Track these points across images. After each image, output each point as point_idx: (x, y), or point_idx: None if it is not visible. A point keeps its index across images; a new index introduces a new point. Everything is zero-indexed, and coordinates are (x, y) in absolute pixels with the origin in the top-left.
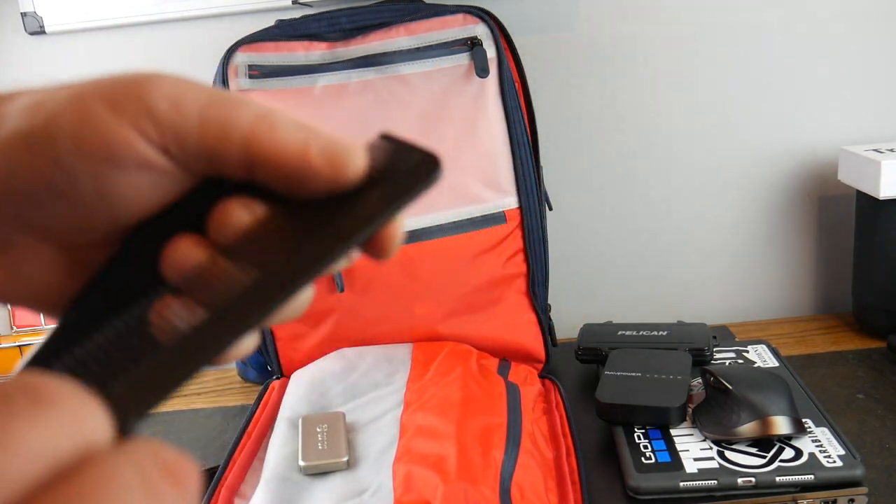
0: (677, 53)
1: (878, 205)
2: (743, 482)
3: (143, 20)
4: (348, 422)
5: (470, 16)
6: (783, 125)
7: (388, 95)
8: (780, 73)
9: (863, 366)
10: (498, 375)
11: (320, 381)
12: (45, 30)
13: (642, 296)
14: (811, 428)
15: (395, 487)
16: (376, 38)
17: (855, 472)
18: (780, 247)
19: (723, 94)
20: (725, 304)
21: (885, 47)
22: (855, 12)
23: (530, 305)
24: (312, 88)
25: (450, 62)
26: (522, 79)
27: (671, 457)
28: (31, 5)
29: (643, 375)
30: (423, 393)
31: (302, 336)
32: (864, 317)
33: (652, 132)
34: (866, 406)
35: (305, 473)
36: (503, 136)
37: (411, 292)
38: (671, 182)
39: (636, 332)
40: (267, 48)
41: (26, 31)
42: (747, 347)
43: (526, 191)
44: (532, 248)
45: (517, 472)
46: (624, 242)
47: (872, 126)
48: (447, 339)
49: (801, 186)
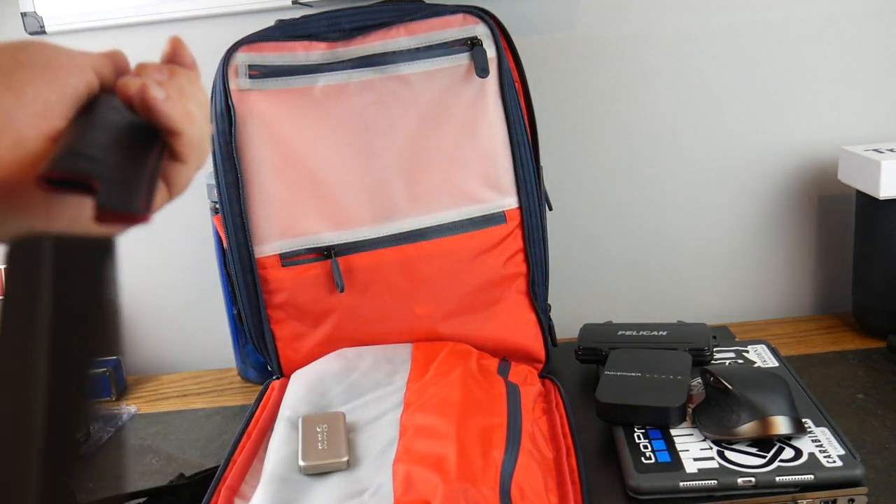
0: (677, 53)
1: (878, 205)
2: (743, 482)
3: (143, 20)
4: (348, 422)
5: (470, 16)
6: (783, 125)
7: (389, 95)
8: (780, 72)
9: (863, 366)
10: (498, 375)
11: (320, 381)
12: (45, 30)
13: (642, 296)
14: (811, 428)
15: (395, 487)
16: (376, 38)
17: (855, 472)
18: (780, 247)
19: (723, 93)
20: (725, 304)
21: (885, 47)
22: (855, 12)
23: (530, 305)
24: (312, 88)
25: (450, 62)
26: (522, 79)
27: (671, 457)
28: (31, 5)
29: (643, 375)
30: (424, 393)
31: (302, 336)
32: (864, 317)
33: (652, 132)
34: (866, 406)
35: (305, 473)
36: (503, 136)
37: (411, 292)
38: (671, 182)
39: (636, 332)
40: (267, 48)
41: (26, 31)
42: (747, 347)
43: (526, 191)
44: (532, 248)
45: (517, 472)
46: (624, 242)
47: (872, 126)
48: (447, 339)
49: (801, 186)
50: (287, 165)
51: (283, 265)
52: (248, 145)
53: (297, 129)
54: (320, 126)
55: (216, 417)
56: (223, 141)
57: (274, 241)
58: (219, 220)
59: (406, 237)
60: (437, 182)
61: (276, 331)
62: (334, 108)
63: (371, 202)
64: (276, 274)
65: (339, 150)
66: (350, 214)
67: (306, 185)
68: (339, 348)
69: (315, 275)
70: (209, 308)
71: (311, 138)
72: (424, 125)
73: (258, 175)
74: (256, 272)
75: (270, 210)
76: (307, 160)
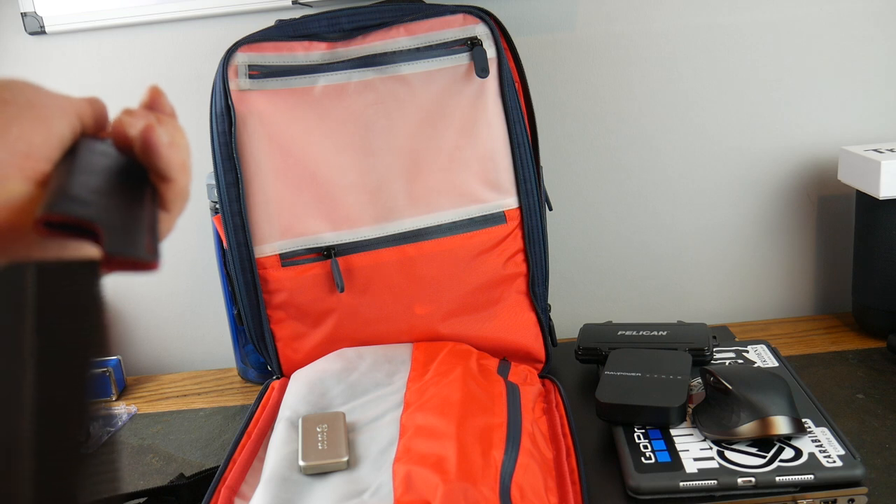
0: (677, 53)
1: (877, 205)
2: (743, 482)
3: (143, 20)
4: (348, 422)
5: (470, 16)
6: (783, 125)
7: (389, 95)
8: (780, 72)
9: (863, 366)
10: (498, 375)
11: (320, 381)
12: (46, 30)
13: (642, 296)
14: (811, 428)
15: (395, 487)
16: (376, 38)
17: (855, 472)
18: (780, 247)
19: (723, 93)
20: (725, 304)
21: (885, 47)
22: (855, 12)
23: (530, 305)
24: (312, 88)
25: (450, 62)
26: (522, 79)
27: (671, 457)
28: (31, 5)
29: (643, 375)
30: (424, 393)
31: (302, 336)
32: (864, 317)
33: (652, 132)
34: (866, 406)
35: (305, 473)
36: (503, 136)
37: (411, 292)
38: (671, 182)
39: (636, 332)
40: (267, 48)
41: (26, 31)
42: (747, 347)
43: (526, 191)
44: (532, 248)
45: (517, 472)
46: (624, 242)
47: (872, 126)
48: (447, 339)
49: (801, 186)
50: (287, 165)
51: (283, 265)
52: (248, 145)
53: (297, 130)
54: (320, 126)
55: (216, 417)
56: (223, 141)
57: (274, 241)
58: (219, 220)
59: (406, 237)
60: (437, 182)
61: (276, 331)
62: (334, 109)
63: (371, 202)
64: (276, 274)
65: (339, 150)
66: (350, 214)
67: (306, 185)
68: (339, 348)
69: (315, 275)
70: (209, 308)
71: (311, 138)
72: (424, 125)
73: (258, 175)
74: (256, 272)
75: (270, 210)
76: (307, 160)
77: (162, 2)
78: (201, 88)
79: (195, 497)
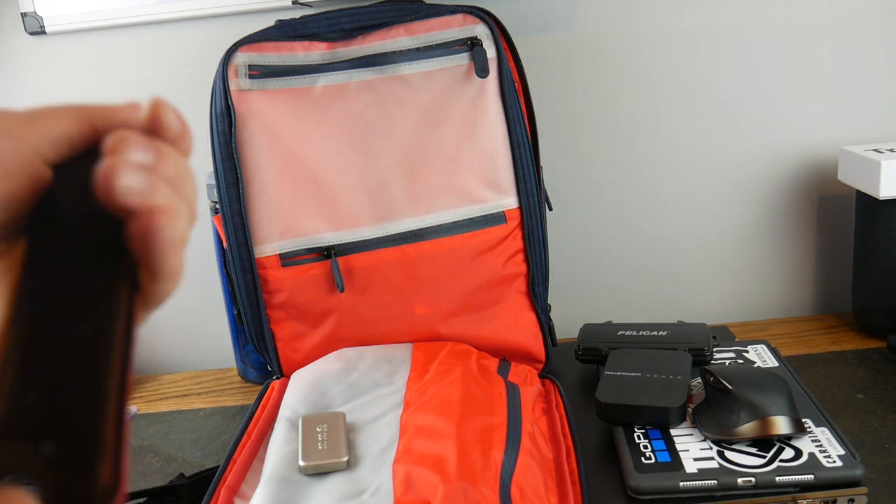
0: (677, 53)
1: (877, 205)
2: (743, 482)
3: (143, 20)
4: (348, 422)
5: (470, 16)
6: (783, 125)
7: (389, 95)
8: (780, 72)
9: (863, 366)
10: (498, 375)
11: (320, 381)
12: (46, 30)
13: (642, 296)
14: (811, 428)
15: (395, 487)
16: (376, 38)
17: (855, 472)
18: (780, 247)
19: (723, 93)
20: (725, 304)
21: (884, 47)
22: (855, 12)
23: (530, 305)
24: (312, 88)
25: (450, 62)
26: (522, 79)
27: (671, 457)
28: (31, 5)
29: (643, 375)
30: (424, 393)
31: (302, 336)
32: (864, 317)
33: (651, 132)
34: (866, 406)
35: (305, 473)
36: (503, 136)
37: (411, 292)
38: (671, 182)
39: (636, 332)
40: (267, 48)
41: (26, 31)
42: (747, 347)
43: (526, 191)
44: (532, 248)
45: (517, 472)
46: (624, 242)
47: (872, 126)
48: (447, 339)
49: (801, 186)
50: (287, 165)
51: (283, 265)
52: (248, 145)
53: (297, 130)
54: (320, 126)
55: (216, 417)
56: (223, 141)
57: (274, 241)
58: (219, 220)
59: (406, 237)
60: (437, 182)
61: (276, 331)
62: (334, 109)
63: (371, 202)
64: (276, 274)
65: (339, 150)
66: (350, 214)
67: (306, 185)
68: (339, 348)
69: (315, 275)
70: (209, 308)
71: (311, 138)
72: (424, 125)
73: (258, 175)
74: (256, 272)
75: (270, 210)
76: (307, 160)
77: (162, 2)
78: (201, 88)
79: (195, 497)
